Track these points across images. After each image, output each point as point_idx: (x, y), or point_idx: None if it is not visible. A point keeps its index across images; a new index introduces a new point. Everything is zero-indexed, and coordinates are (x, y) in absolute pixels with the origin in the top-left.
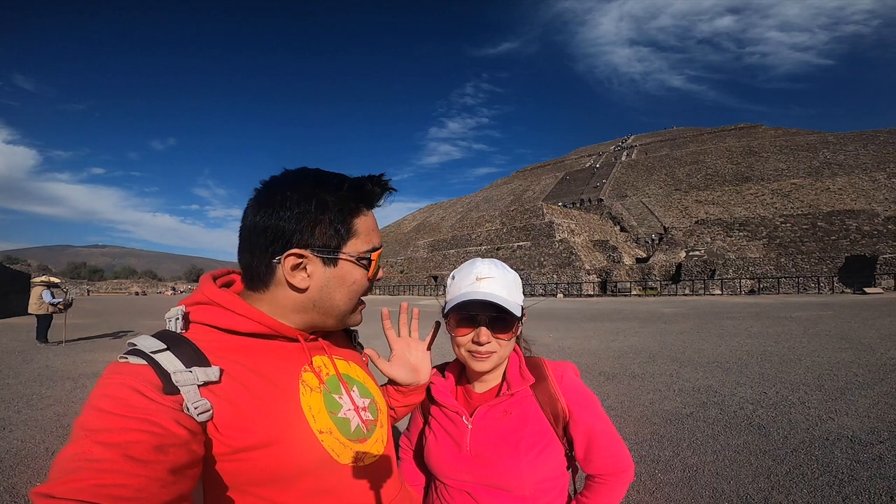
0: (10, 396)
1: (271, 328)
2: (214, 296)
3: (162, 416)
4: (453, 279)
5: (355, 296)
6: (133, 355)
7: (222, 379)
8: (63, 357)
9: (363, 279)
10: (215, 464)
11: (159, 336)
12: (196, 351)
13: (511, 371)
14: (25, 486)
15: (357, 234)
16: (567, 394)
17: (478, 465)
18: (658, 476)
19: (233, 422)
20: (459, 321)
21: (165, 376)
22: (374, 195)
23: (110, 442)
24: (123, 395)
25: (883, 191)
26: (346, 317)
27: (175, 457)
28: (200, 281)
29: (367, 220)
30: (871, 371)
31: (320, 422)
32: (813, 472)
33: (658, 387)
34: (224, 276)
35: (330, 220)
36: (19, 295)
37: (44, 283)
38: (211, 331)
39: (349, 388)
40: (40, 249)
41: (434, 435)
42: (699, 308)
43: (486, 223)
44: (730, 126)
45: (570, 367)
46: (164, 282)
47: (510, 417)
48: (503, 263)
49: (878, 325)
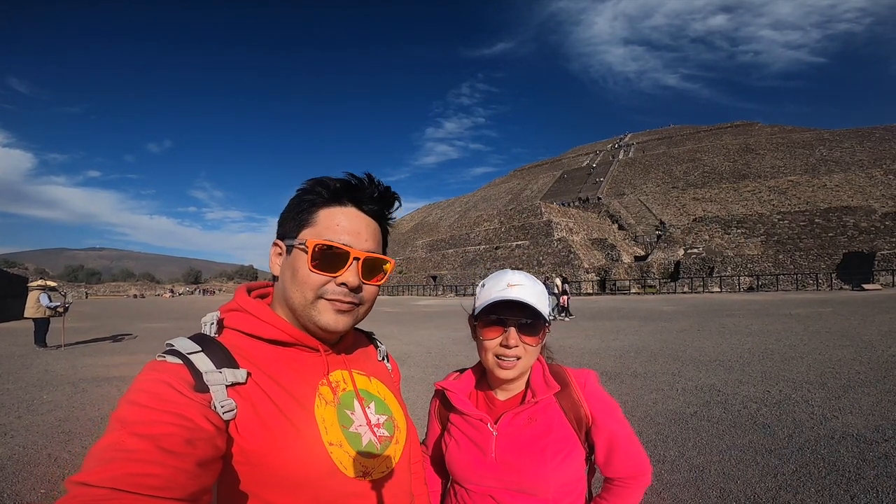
0: (10, 402)
1: (291, 336)
2: (244, 303)
3: (192, 412)
4: (483, 286)
5: (303, 285)
6: (170, 355)
7: (248, 382)
8: (62, 361)
9: (304, 268)
10: (230, 462)
11: (194, 338)
12: (227, 354)
13: (535, 379)
14: (29, 493)
15: (314, 224)
16: (590, 400)
17: (504, 471)
18: (665, 476)
19: (251, 424)
20: (488, 324)
21: (198, 375)
22: (341, 191)
23: (144, 433)
24: (158, 391)
25: (880, 187)
26: (306, 311)
27: (203, 450)
28: (236, 290)
29: (335, 213)
30: (872, 368)
31: (332, 434)
32: (820, 471)
33: (661, 386)
34: (261, 288)
35: (297, 211)
36: (17, 299)
37: (41, 286)
38: (241, 336)
39: (365, 404)
40: (37, 253)
41: (455, 442)
42: (699, 306)
43: (484, 222)
44: (726, 124)
45: (591, 374)
46: (163, 284)
47: (535, 424)
48: (533, 276)
49: (878, 322)
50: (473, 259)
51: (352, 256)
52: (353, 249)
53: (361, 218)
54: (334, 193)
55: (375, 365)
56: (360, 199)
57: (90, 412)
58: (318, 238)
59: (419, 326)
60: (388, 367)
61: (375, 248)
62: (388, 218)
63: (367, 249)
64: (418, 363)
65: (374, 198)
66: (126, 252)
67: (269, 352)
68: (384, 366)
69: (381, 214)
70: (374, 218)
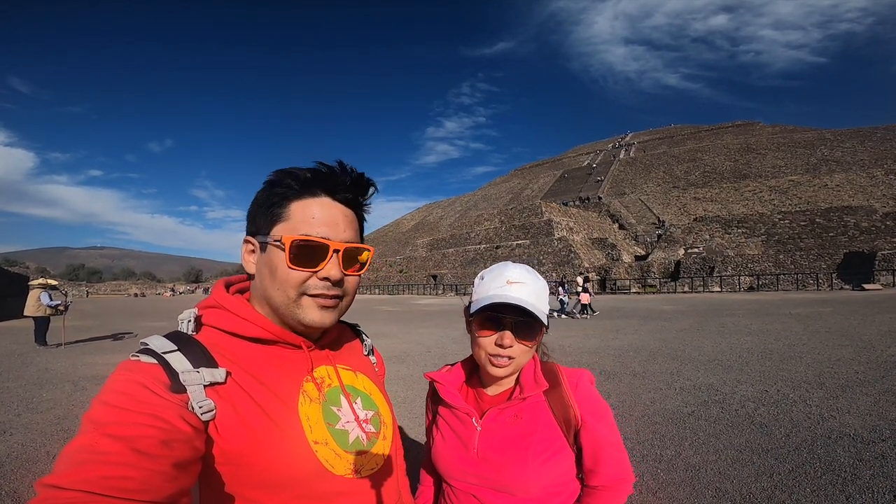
0: (9, 400)
1: (272, 333)
2: (222, 300)
3: (168, 413)
4: (482, 279)
5: (284, 284)
6: (144, 354)
7: (227, 381)
8: (62, 360)
9: (283, 265)
10: (212, 464)
11: (170, 337)
12: (205, 352)
13: (525, 376)
14: (27, 491)
15: (289, 218)
16: (581, 402)
17: (484, 468)
18: (661, 475)
19: (232, 425)
20: (484, 322)
21: (174, 375)
22: (312, 181)
23: (118, 435)
24: (132, 391)
25: (881, 187)
26: (289, 310)
27: (180, 452)
28: (213, 285)
29: (309, 205)
30: (871, 368)
31: (317, 432)
32: (816, 471)
33: (659, 385)
34: (240, 282)
35: (267, 205)
36: (18, 298)
37: (42, 285)
38: (219, 334)
39: (352, 399)
40: (39, 252)
41: (441, 435)
42: (698, 305)
43: (484, 222)
44: (727, 123)
45: (585, 374)
46: (164, 283)
47: (520, 422)
48: (534, 270)
49: (878, 322)
50: (474, 258)
51: (331, 249)
52: (331, 242)
53: (336, 207)
54: (305, 184)
55: (361, 359)
56: (333, 188)
57: None
58: (294, 233)
59: (419, 325)
60: (373, 361)
61: (354, 238)
62: (364, 204)
63: (346, 240)
64: (417, 362)
65: (348, 185)
66: (127, 251)
67: (250, 350)
68: (369, 360)
69: (355, 202)
70: (349, 206)
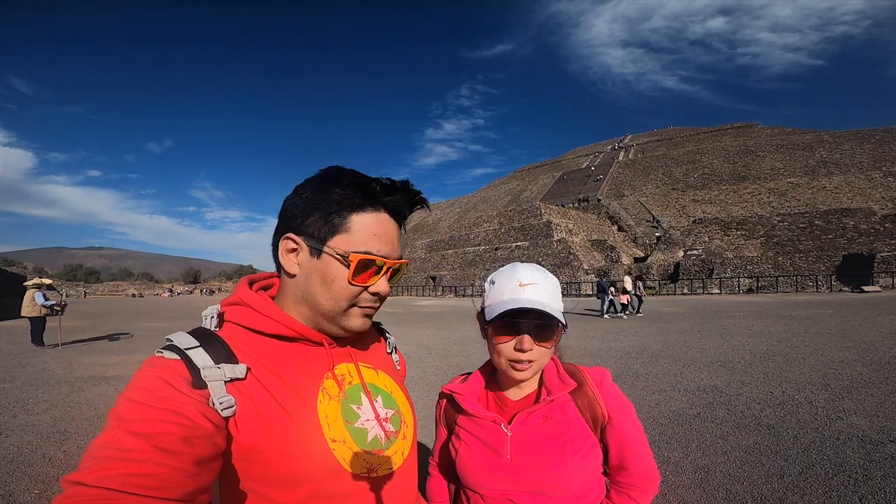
0: (5, 401)
1: (294, 330)
2: (246, 297)
3: (190, 409)
4: (493, 284)
5: (339, 296)
6: (168, 350)
7: (247, 378)
8: (59, 360)
9: (343, 280)
10: (229, 459)
11: (194, 333)
12: (226, 348)
13: (549, 376)
14: (23, 493)
15: (349, 231)
16: (606, 398)
17: (521, 473)
18: (670, 478)
19: (251, 421)
20: (500, 328)
21: (195, 371)
22: (378, 196)
23: (141, 432)
24: (155, 388)
25: (879, 189)
26: (336, 318)
27: (200, 449)
28: (237, 283)
29: (371, 221)
30: (875, 370)
31: (335, 430)
32: (826, 472)
33: (663, 387)
34: (263, 280)
35: (325, 211)
36: (15, 298)
37: (35, 285)
38: (241, 330)
39: (372, 397)
40: (37, 252)
41: (466, 446)
42: (699, 307)
43: (483, 223)
44: (726, 125)
45: (606, 372)
46: (161, 283)
47: (551, 423)
48: (543, 268)
49: (879, 324)
50: (473, 260)
51: (386, 266)
52: (388, 260)
53: (393, 225)
54: (370, 197)
55: (383, 357)
56: (395, 208)
57: (86, 412)
58: (356, 248)
59: (418, 326)
60: (396, 360)
61: (401, 253)
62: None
63: (398, 257)
64: (418, 363)
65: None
66: (125, 251)
67: (272, 346)
68: (391, 359)
69: (404, 218)
70: (398, 222)
